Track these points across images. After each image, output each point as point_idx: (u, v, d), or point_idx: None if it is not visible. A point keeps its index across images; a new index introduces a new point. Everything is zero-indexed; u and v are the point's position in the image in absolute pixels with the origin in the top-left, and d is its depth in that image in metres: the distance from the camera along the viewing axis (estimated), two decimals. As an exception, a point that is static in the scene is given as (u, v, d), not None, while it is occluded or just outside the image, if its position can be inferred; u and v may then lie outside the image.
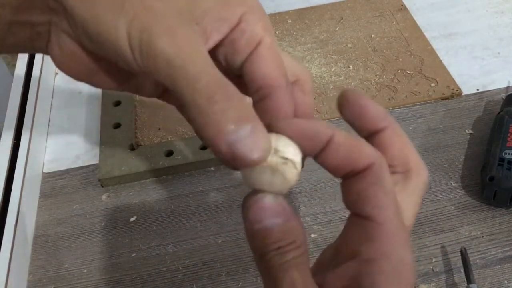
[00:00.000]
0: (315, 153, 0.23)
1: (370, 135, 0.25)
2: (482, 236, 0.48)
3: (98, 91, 0.63)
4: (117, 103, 0.60)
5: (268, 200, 0.22)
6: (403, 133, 0.25)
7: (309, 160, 0.24)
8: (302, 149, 0.23)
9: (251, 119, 0.22)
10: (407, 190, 0.25)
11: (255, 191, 0.23)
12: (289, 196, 0.51)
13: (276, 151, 0.22)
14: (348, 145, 0.23)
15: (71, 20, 0.24)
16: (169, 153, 0.55)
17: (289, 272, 0.22)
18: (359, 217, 0.22)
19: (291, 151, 0.23)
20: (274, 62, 0.26)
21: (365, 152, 0.23)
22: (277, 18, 0.71)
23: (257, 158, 0.21)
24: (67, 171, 0.55)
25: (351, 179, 0.23)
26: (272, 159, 0.22)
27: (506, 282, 0.45)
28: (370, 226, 0.22)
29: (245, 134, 0.21)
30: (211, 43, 0.25)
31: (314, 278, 0.23)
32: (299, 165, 0.23)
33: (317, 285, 0.22)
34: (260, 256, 0.22)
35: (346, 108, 0.25)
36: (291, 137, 0.23)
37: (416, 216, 0.26)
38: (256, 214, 0.22)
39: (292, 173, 0.23)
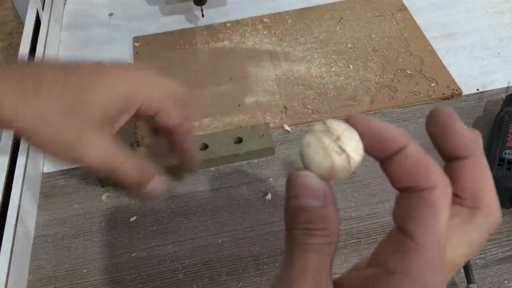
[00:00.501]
0: (383, 158, 0.23)
1: (450, 159, 0.24)
2: (482, 236, 0.48)
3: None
4: (117, 103, 0.60)
5: (310, 180, 0.23)
6: (486, 168, 0.24)
7: None
8: (371, 150, 0.23)
9: (154, 178, 0.38)
10: (467, 227, 0.23)
11: (304, 169, 0.23)
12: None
13: (338, 139, 0.23)
14: (418, 160, 0.22)
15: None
16: (169, 153, 0.54)
17: (307, 254, 0.22)
18: (401, 232, 0.22)
19: (352, 146, 0.23)
20: (177, 114, 0.39)
21: (433, 173, 0.22)
22: (277, 18, 0.71)
23: (160, 194, 0.39)
24: (67, 171, 0.55)
25: (408, 193, 0.22)
26: (330, 144, 0.23)
27: (506, 282, 0.45)
28: (408, 242, 0.21)
29: (153, 188, 0.38)
30: (117, 127, 0.38)
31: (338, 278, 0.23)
32: (353, 163, 0.23)
33: (335, 282, 0.22)
34: (288, 229, 0.23)
35: (432, 124, 0.24)
36: (363, 135, 0.23)
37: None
38: (296, 189, 0.23)
39: (341, 166, 0.22)
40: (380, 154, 0.23)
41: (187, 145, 0.42)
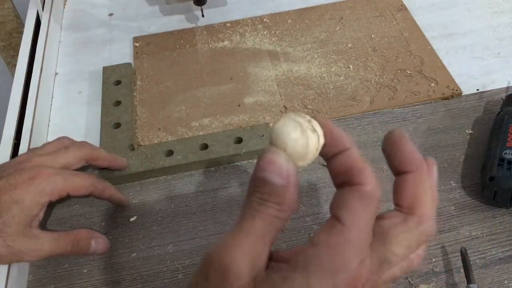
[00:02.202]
0: (330, 155, 0.27)
1: (397, 174, 0.27)
2: (482, 236, 0.48)
3: (98, 91, 0.63)
4: (117, 103, 0.60)
5: (279, 157, 0.25)
6: (426, 183, 0.27)
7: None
8: (325, 144, 0.27)
9: (93, 238, 0.46)
10: (399, 228, 0.26)
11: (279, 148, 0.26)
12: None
13: (310, 121, 0.26)
14: (356, 161, 0.26)
15: None
16: (169, 153, 0.55)
17: (255, 220, 0.25)
18: (334, 218, 0.25)
19: (319, 130, 0.26)
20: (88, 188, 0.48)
21: (366, 173, 0.26)
22: (277, 18, 0.71)
23: (105, 247, 0.47)
24: (67, 171, 0.55)
25: (343, 188, 0.26)
26: (305, 123, 0.26)
27: (506, 282, 0.45)
28: (336, 224, 0.25)
29: (95, 247, 0.47)
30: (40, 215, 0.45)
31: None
32: (321, 144, 0.26)
33: (274, 252, 0.26)
34: (247, 196, 0.26)
35: (385, 143, 0.28)
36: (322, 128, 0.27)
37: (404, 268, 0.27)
38: (264, 163, 0.26)
39: (314, 144, 0.26)
40: (330, 150, 0.27)
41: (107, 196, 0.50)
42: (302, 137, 0.25)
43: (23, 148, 0.53)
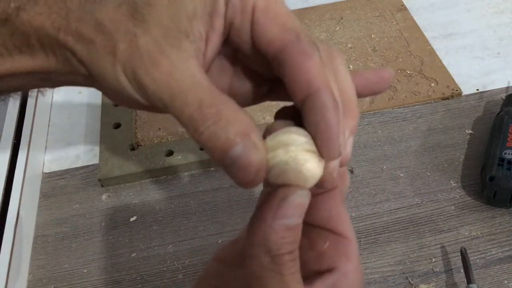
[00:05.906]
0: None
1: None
2: (482, 236, 0.48)
3: (98, 91, 0.63)
4: (117, 103, 0.60)
5: (303, 198, 0.21)
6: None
7: None
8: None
9: (242, 137, 0.22)
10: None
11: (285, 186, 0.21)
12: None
13: (310, 143, 0.22)
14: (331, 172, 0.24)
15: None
16: (169, 153, 0.55)
17: (300, 285, 0.21)
18: (333, 233, 0.24)
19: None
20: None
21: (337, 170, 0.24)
22: (277, 18, 0.71)
23: (245, 179, 0.22)
24: (67, 171, 0.55)
25: (324, 198, 0.24)
26: (313, 148, 0.22)
27: (506, 282, 0.45)
28: (347, 244, 0.24)
29: (237, 156, 0.21)
30: (215, 41, 0.23)
31: None
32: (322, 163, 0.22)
33: None
34: (269, 254, 0.21)
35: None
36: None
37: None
38: (289, 208, 0.21)
39: (313, 167, 0.21)
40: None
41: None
42: (319, 167, 0.21)
43: (23, 148, 0.54)
